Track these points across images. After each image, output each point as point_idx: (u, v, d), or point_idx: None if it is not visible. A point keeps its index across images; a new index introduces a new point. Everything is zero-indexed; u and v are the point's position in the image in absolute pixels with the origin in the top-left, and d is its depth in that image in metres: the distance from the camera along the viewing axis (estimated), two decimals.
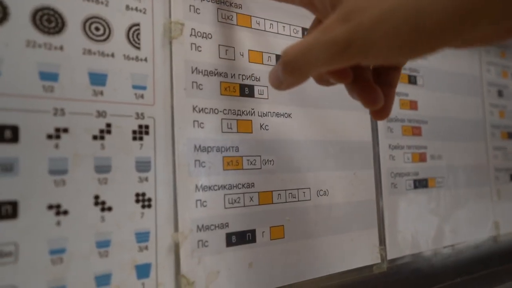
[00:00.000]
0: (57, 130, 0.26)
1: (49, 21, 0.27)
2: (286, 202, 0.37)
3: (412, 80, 0.49)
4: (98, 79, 0.28)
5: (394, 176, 0.45)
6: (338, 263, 0.39)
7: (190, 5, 0.33)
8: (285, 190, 0.37)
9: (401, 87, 0.48)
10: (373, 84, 0.24)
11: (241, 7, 0.36)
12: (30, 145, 0.25)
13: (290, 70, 0.22)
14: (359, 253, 0.41)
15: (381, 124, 0.45)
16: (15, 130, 0.25)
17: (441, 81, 0.52)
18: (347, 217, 0.41)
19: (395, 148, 0.46)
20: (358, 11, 0.18)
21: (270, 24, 0.38)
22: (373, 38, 0.18)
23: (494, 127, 0.58)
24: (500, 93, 0.59)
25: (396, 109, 0.47)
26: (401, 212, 0.45)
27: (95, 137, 0.28)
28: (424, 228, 0.47)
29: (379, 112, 0.25)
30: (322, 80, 0.26)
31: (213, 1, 0.34)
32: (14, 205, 0.24)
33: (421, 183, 0.48)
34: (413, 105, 0.49)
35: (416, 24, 0.16)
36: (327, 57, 0.19)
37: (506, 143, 0.59)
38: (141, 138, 0.30)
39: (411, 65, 0.49)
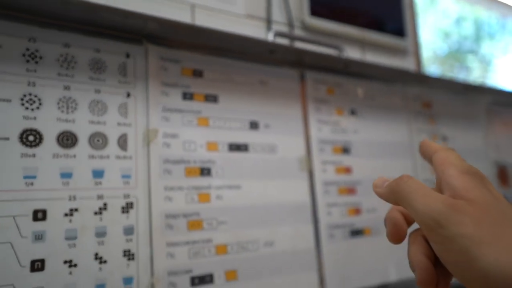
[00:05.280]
0: (71, 210, 0.41)
1: (67, 140, 0.42)
2: (237, 252, 0.49)
3: (346, 151, 0.62)
4: (98, 174, 0.43)
5: (332, 228, 0.58)
6: None
7: (162, 116, 0.48)
8: (238, 242, 0.50)
9: (336, 157, 0.61)
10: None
11: (201, 112, 0.51)
12: (53, 221, 0.39)
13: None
14: None
15: (318, 187, 0.58)
16: (44, 212, 0.39)
17: (372, 149, 0.65)
18: (290, 263, 0.53)
19: (332, 206, 0.59)
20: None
21: (223, 121, 0.52)
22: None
23: (427, 182, 0.70)
24: None
25: (332, 174, 0.60)
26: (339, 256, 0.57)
27: (95, 213, 0.42)
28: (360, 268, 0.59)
29: None
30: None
31: (179, 111, 0.49)
32: (42, 261, 0.38)
33: (357, 233, 0.60)
34: (347, 170, 0.62)
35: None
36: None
37: None
38: (127, 212, 0.44)
39: (345, 138, 0.63)
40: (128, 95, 0.46)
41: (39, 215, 0.39)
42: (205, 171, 0.50)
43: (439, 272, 0.22)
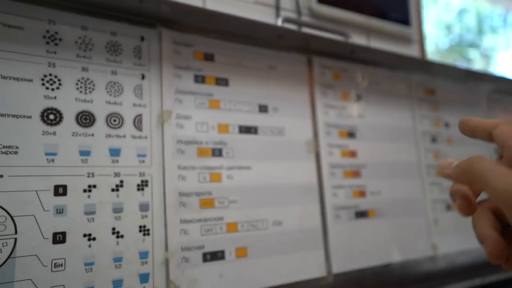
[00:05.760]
0: (89, 186, 0.42)
1: (85, 119, 0.43)
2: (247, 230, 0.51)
3: (351, 135, 0.64)
4: (115, 152, 0.44)
5: (338, 209, 0.60)
6: (290, 274, 0.53)
7: (175, 98, 0.50)
8: (248, 221, 0.51)
9: (342, 141, 0.63)
10: None
11: (212, 95, 0.52)
12: (73, 196, 0.41)
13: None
14: (307, 268, 0.55)
15: (325, 169, 0.60)
16: (64, 187, 0.41)
17: (377, 133, 0.67)
18: (297, 241, 0.55)
19: (338, 188, 0.61)
20: None
21: (234, 104, 0.54)
22: None
23: (430, 167, 0.72)
24: (433, 140, 0.74)
25: (337, 157, 0.62)
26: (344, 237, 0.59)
27: (112, 190, 0.44)
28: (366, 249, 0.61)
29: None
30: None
31: (191, 94, 0.51)
32: (63, 234, 0.40)
33: (362, 214, 0.62)
34: (352, 154, 0.63)
35: None
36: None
37: (442, 179, 0.72)
38: (142, 189, 0.45)
39: (350, 123, 0.64)
40: (143, 77, 0.48)
41: (60, 190, 0.41)
42: (216, 152, 0.51)
43: (508, 245, 0.23)
